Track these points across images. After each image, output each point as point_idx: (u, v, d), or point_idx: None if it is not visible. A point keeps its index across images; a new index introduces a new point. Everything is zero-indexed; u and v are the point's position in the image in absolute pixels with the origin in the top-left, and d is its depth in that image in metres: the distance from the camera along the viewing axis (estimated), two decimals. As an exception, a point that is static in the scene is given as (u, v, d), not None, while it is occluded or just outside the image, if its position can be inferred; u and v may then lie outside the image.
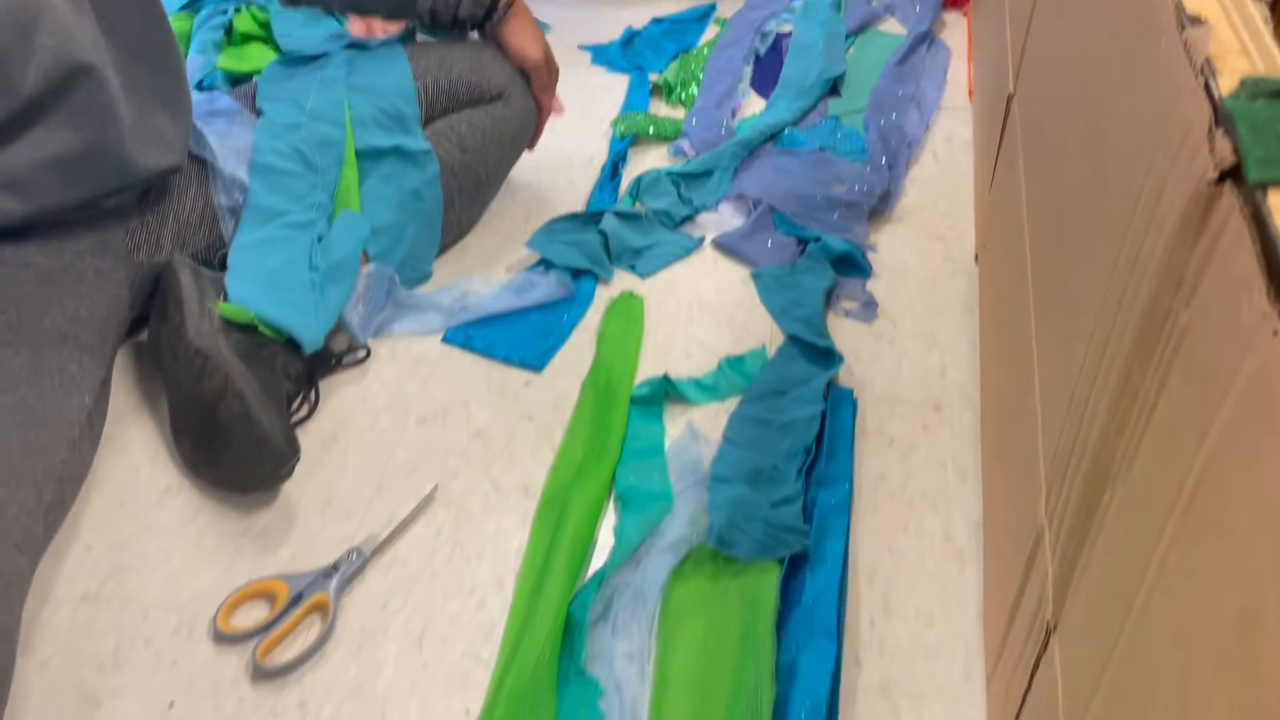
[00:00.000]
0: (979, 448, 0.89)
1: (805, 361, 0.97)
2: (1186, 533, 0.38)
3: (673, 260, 1.11)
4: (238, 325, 0.88)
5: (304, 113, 1.01)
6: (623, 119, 1.32)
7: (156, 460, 0.88)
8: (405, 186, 1.02)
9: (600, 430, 0.90)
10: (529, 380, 0.97)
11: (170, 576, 0.78)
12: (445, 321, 1.02)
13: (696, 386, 0.95)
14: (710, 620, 0.75)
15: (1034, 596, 0.59)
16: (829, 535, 0.80)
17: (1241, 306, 0.36)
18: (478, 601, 0.77)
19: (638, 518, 0.82)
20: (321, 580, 0.77)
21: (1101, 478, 0.49)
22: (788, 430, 0.89)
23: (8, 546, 0.67)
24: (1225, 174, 0.40)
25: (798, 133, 1.29)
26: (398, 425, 0.92)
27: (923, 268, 1.10)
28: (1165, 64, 0.49)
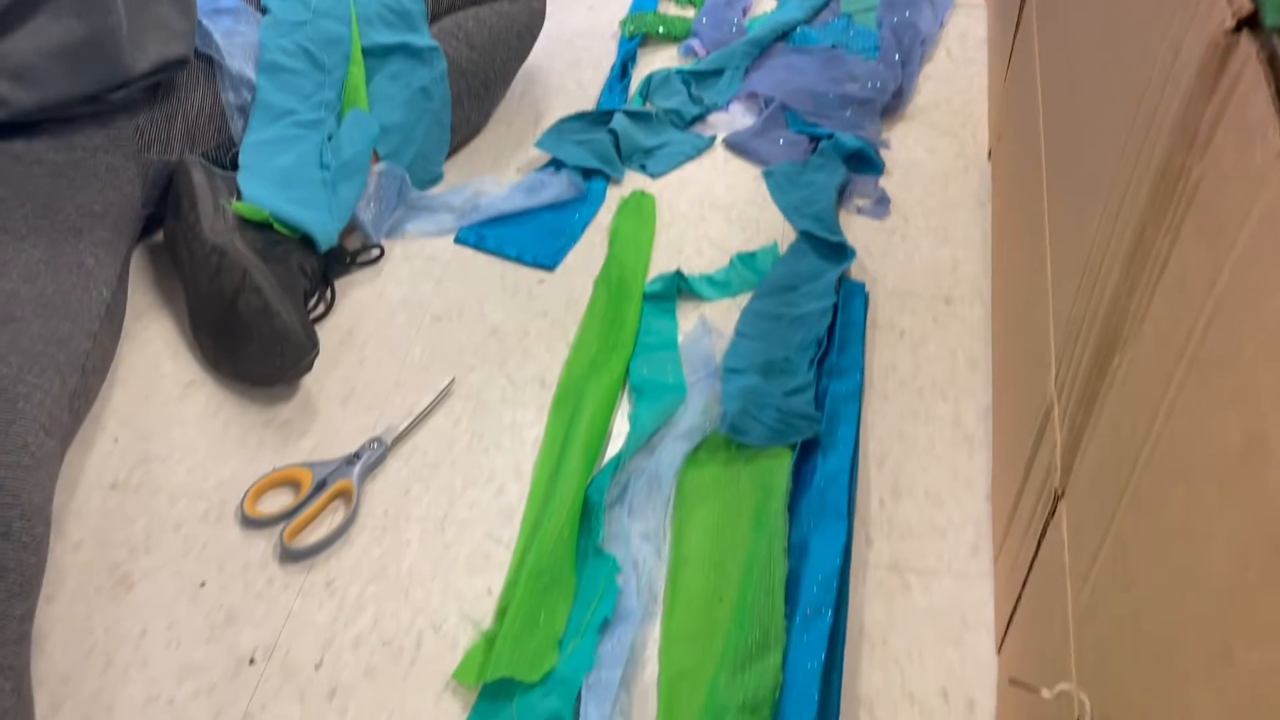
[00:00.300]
0: (989, 338, 0.90)
1: (817, 257, 0.97)
2: (1195, 375, 0.38)
3: (684, 160, 1.11)
4: (252, 223, 0.89)
5: (309, 9, 1.00)
6: (631, 19, 1.31)
7: (177, 356, 0.89)
8: (413, 85, 1.01)
9: (614, 325, 0.91)
10: (542, 279, 0.97)
11: (196, 466, 0.80)
12: (457, 222, 1.02)
13: (709, 282, 0.96)
14: (724, 502, 0.76)
15: (1042, 467, 0.61)
16: (840, 422, 0.81)
17: (1255, 149, 0.36)
18: (497, 488, 0.79)
19: (652, 407, 0.83)
20: (344, 468, 0.79)
21: (1112, 342, 0.50)
22: (800, 323, 0.89)
23: (35, 428, 0.69)
24: (1242, 23, 0.40)
25: (810, 31, 1.28)
26: (413, 322, 0.93)
27: (935, 164, 1.09)
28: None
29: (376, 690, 0.67)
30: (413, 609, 0.71)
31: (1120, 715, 0.40)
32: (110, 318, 0.84)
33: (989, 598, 0.71)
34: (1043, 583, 0.58)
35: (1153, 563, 0.40)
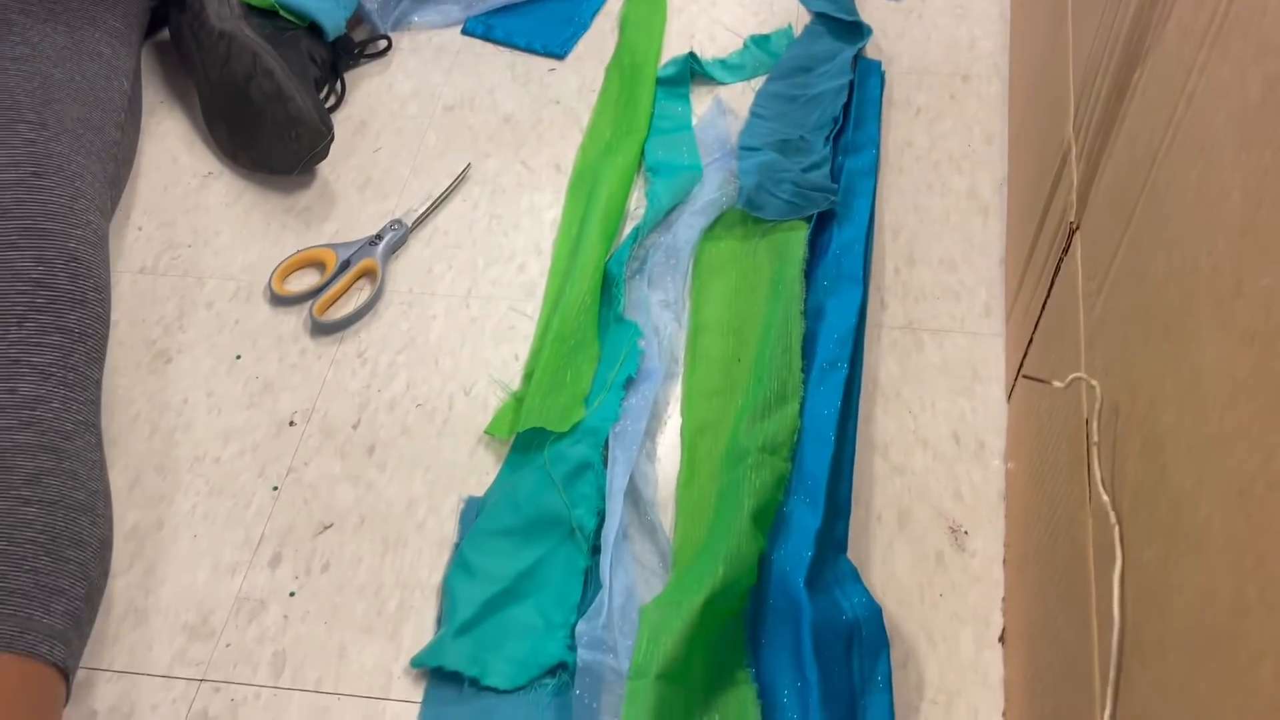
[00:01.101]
0: (1006, 113, 0.89)
1: (832, 38, 0.96)
2: (1217, 51, 0.39)
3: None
4: (258, 10, 0.87)
5: None
6: None
7: (194, 149, 0.89)
8: None
9: (627, 109, 0.90)
10: (553, 67, 0.96)
11: (221, 250, 0.82)
12: (464, 12, 1.00)
13: (722, 66, 0.95)
14: (741, 272, 0.78)
15: (1058, 210, 0.61)
16: (856, 196, 0.82)
17: None
18: (518, 265, 0.81)
19: (669, 185, 0.83)
20: (368, 248, 0.80)
21: (1134, 59, 0.50)
22: (815, 103, 0.89)
23: (92, 209, 0.70)
24: None
25: None
26: (425, 112, 0.92)
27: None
28: None
29: (413, 446, 0.70)
30: (443, 375, 0.74)
31: (1129, 399, 0.42)
32: (131, 108, 0.83)
33: (1000, 353, 0.73)
34: (1055, 318, 0.60)
35: (1167, 242, 0.41)
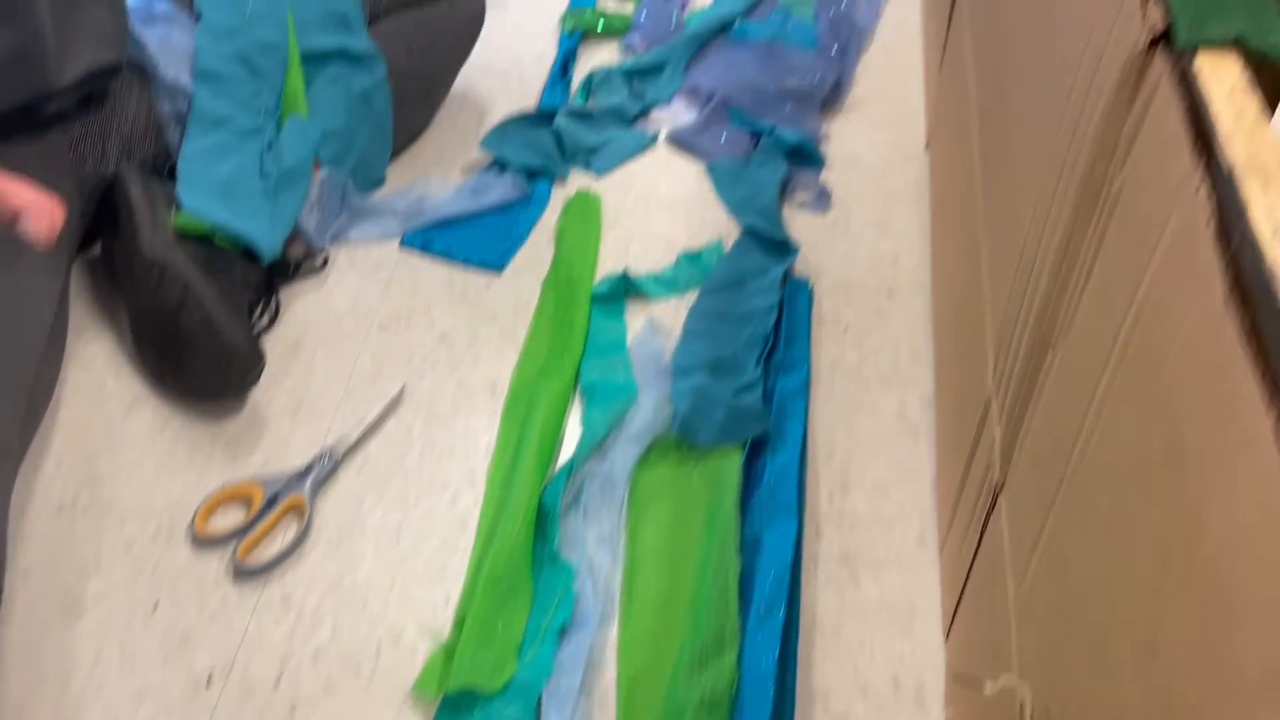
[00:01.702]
0: (931, 329, 0.92)
1: (761, 253, 0.98)
2: (1119, 382, 0.40)
3: (628, 157, 1.11)
4: (193, 236, 0.88)
5: (244, 15, 0.98)
6: (571, 15, 1.30)
7: (121, 373, 0.88)
8: (353, 89, 1.00)
9: (563, 328, 0.92)
10: (490, 282, 0.98)
11: (144, 484, 0.80)
12: (402, 226, 1.02)
13: (655, 281, 0.97)
14: (677, 502, 0.78)
15: (982, 462, 0.62)
16: (789, 418, 0.83)
17: (1169, 166, 0.38)
18: (451, 496, 0.80)
19: (604, 409, 0.84)
20: (295, 482, 0.78)
21: (1044, 341, 0.52)
22: (746, 320, 0.91)
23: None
24: (1156, 40, 0.41)
25: (748, 24, 1.28)
26: (361, 330, 0.92)
27: (875, 157, 1.11)
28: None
29: (337, 705, 0.67)
30: (370, 621, 0.72)
31: (1060, 707, 0.42)
32: (54, 338, 0.82)
33: (935, 586, 0.73)
34: (985, 574, 0.60)
35: (1085, 557, 0.42)
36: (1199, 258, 0.34)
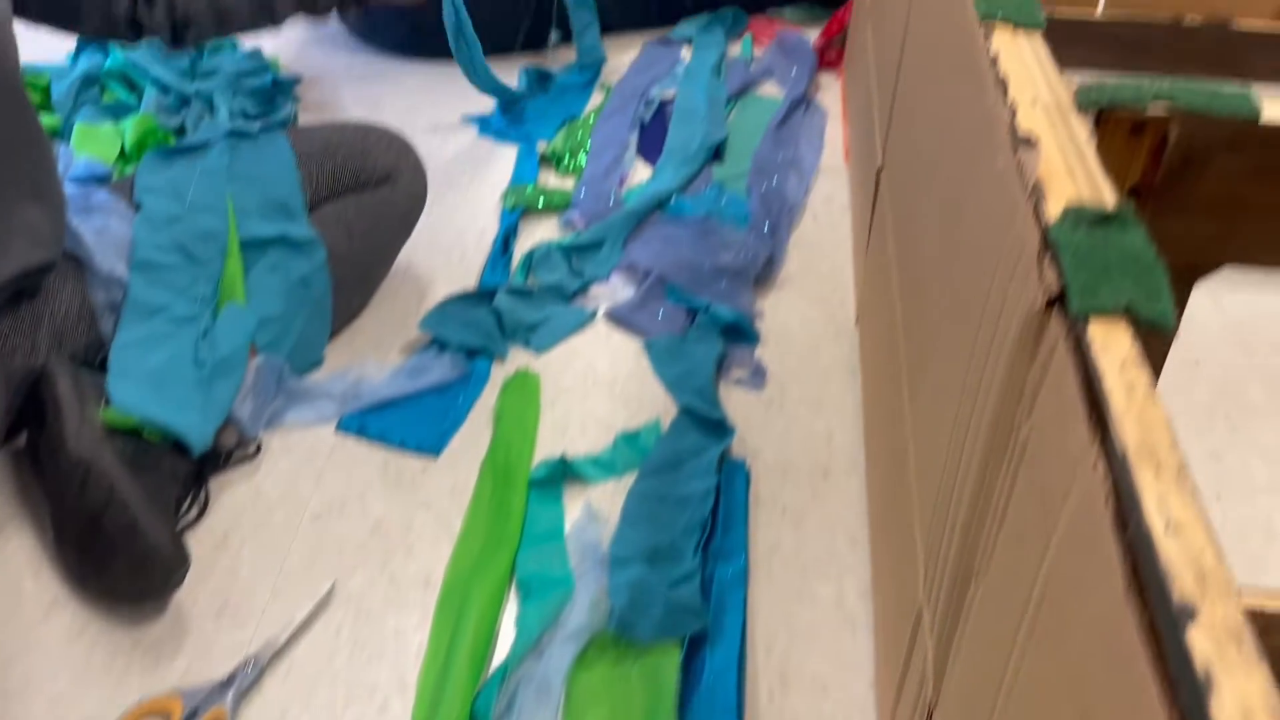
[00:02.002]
0: (867, 513, 0.92)
1: (698, 434, 0.99)
2: (1035, 639, 0.40)
3: (567, 334, 1.13)
4: (122, 431, 0.87)
5: (184, 204, 1.00)
6: (512, 191, 1.34)
7: (40, 573, 0.85)
8: (292, 275, 1.01)
9: (499, 516, 0.91)
10: (426, 466, 0.97)
11: (58, 698, 0.76)
12: (338, 409, 1.01)
13: (593, 464, 0.97)
14: (614, 707, 0.76)
15: (916, 675, 0.62)
16: (727, 610, 0.82)
17: (1069, 435, 0.39)
18: (380, 704, 0.77)
19: (539, 606, 0.82)
20: (217, 693, 0.75)
21: (967, 571, 0.52)
22: (684, 505, 0.91)
23: None
24: (1053, 301, 0.43)
25: (684, 200, 1.33)
26: (292, 521, 0.91)
27: (807, 332, 1.14)
28: (1003, 180, 0.53)
29: None
30: None
31: None
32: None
33: (879, 792, 0.72)
34: (924, 794, 0.59)
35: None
36: (1099, 539, 0.34)
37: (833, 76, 1.67)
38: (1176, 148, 0.56)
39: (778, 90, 1.62)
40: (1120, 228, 0.45)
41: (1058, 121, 0.53)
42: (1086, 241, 0.44)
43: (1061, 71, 0.58)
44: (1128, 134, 0.57)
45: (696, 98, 1.55)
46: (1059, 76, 0.58)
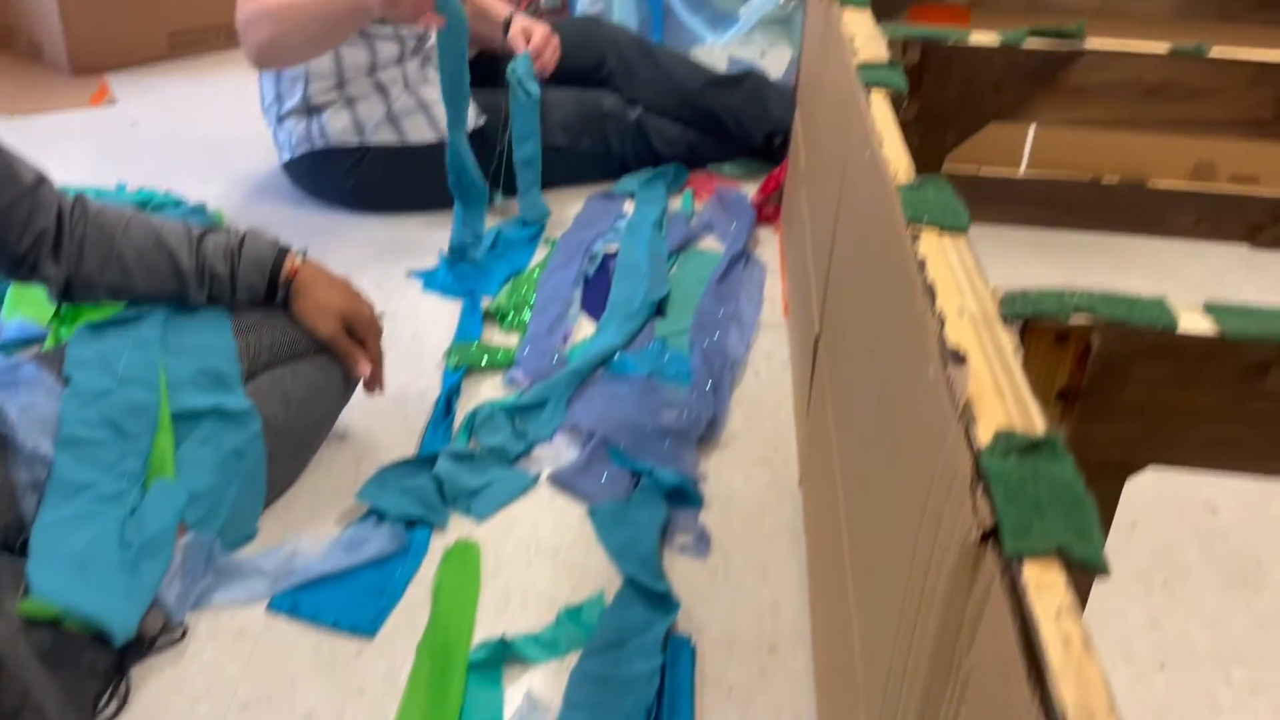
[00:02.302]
0: (814, 696, 0.90)
1: (643, 608, 0.97)
2: None
3: (509, 499, 1.11)
4: (40, 622, 0.83)
5: (115, 378, 0.98)
6: (456, 350, 1.34)
7: (-62, 782, 0.80)
8: (225, 448, 0.99)
9: (436, 704, 0.87)
10: (360, 648, 0.94)
11: None
12: (270, 587, 0.98)
13: (535, 644, 0.94)
14: None
15: None
16: (673, 805, 0.79)
17: (1009, 685, 0.38)
18: None
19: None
20: None
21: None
22: (628, 688, 0.88)
23: None
24: (987, 535, 0.43)
25: (627, 357, 1.34)
26: (217, 715, 0.86)
27: (751, 494, 1.14)
28: (934, 393, 0.54)
29: None
30: None
31: None
32: None
33: None
34: None
35: None
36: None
37: (770, 231, 1.72)
38: (1099, 356, 0.58)
39: (718, 244, 1.66)
40: (1049, 456, 0.46)
41: (985, 335, 0.55)
42: (1017, 472, 0.45)
43: (981, 268, 0.60)
44: (1053, 342, 0.59)
45: (639, 253, 1.58)
46: (984, 284, 0.60)
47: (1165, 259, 1.64)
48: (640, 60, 1.89)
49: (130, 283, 1.01)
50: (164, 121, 2.06)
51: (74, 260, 0.99)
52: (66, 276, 0.99)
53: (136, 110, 2.10)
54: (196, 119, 2.07)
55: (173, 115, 2.09)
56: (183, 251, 1.01)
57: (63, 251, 0.99)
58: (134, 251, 1.00)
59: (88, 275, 0.99)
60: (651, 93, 1.87)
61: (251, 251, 1.04)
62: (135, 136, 1.99)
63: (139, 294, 1.02)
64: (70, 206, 1.00)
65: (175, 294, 1.03)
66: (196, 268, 1.02)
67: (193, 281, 1.02)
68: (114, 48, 2.27)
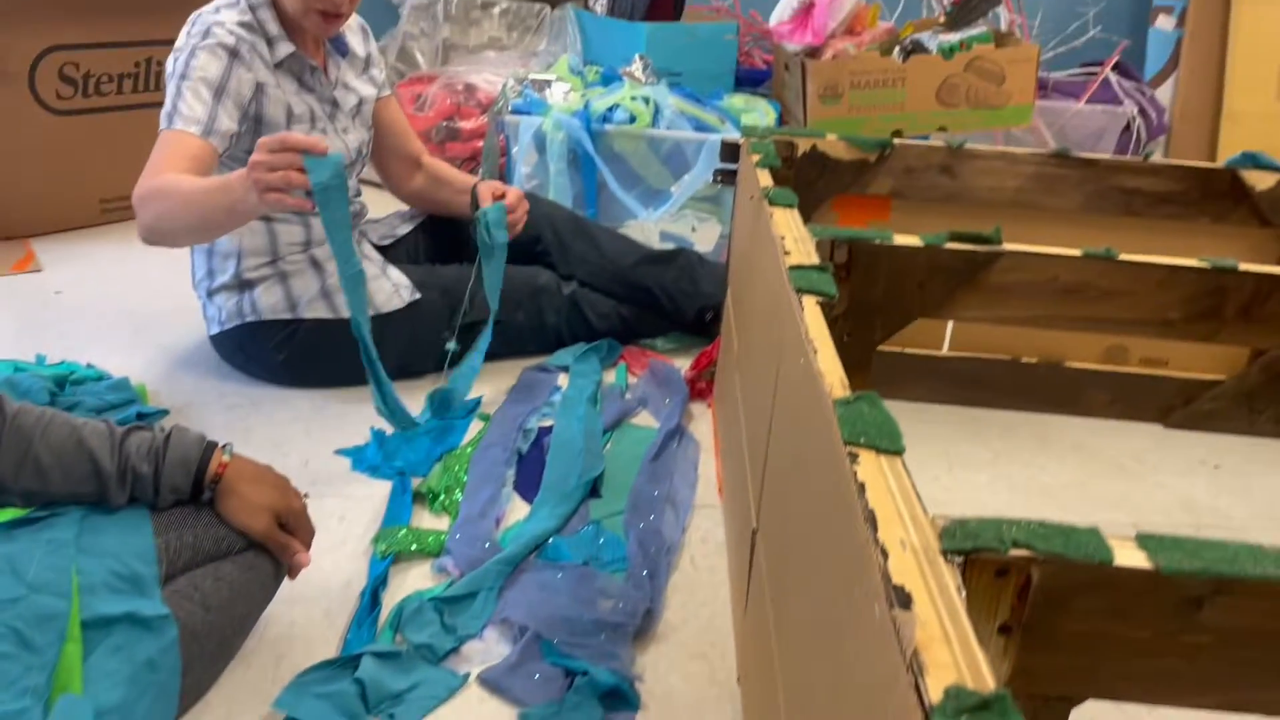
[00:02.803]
0: None
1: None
2: None
3: (436, 704, 1.06)
4: None
5: (24, 584, 0.92)
6: (383, 536, 1.30)
7: None
8: (138, 658, 0.94)
9: None
10: None
11: None
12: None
13: None
14: None
15: None
16: None
17: None
18: None
19: None
20: None
21: None
22: None
23: None
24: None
25: (562, 542, 1.31)
26: None
27: (689, 692, 1.11)
28: (881, 635, 0.53)
29: None
30: None
31: None
32: None
33: None
34: None
35: None
36: None
37: (703, 406, 1.73)
38: (1039, 589, 0.58)
39: (652, 420, 1.67)
40: (1000, 714, 0.45)
41: (929, 573, 0.55)
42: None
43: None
44: (994, 576, 0.59)
45: (574, 429, 1.58)
46: (924, 513, 0.61)
47: (1085, 437, 1.69)
48: (575, 236, 1.93)
49: (47, 486, 0.97)
50: (90, 290, 2.03)
51: None
52: None
53: (62, 278, 2.07)
54: (124, 289, 2.04)
55: (99, 284, 2.06)
56: (104, 452, 0.98)
57: None
58: (52, 454, 0.97)
59: (0, 479, 0.95)
60: (586, 268, 1.90)
61: (177, 450, 1.01)
62: (58, 305, 1.95)
63: (56, 497, 0.98)
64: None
65: (95, 495, 0.99)
66: (118, 469, 0.98)
67: (114, 483, 0.98)
68: (43, 213, 2.25)
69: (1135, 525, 1.46)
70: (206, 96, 1.41)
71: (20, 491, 0.98)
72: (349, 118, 1.65)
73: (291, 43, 1.53)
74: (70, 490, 0.98)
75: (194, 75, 1.42)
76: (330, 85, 1.61)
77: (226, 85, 1.44)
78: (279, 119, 1.51)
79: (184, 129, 1.39)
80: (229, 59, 1.45)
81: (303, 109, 1.55)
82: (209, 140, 1.40)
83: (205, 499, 1.03)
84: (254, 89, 1.48)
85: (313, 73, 1.57)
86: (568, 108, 2.32)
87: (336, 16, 1.49)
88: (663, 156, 2.31)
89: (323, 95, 1.59)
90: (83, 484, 0.98)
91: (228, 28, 1.46)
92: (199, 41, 1.44)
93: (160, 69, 2.35)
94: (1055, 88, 3.13)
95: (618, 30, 2.69)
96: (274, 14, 1.51)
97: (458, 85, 2.63)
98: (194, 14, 1.50)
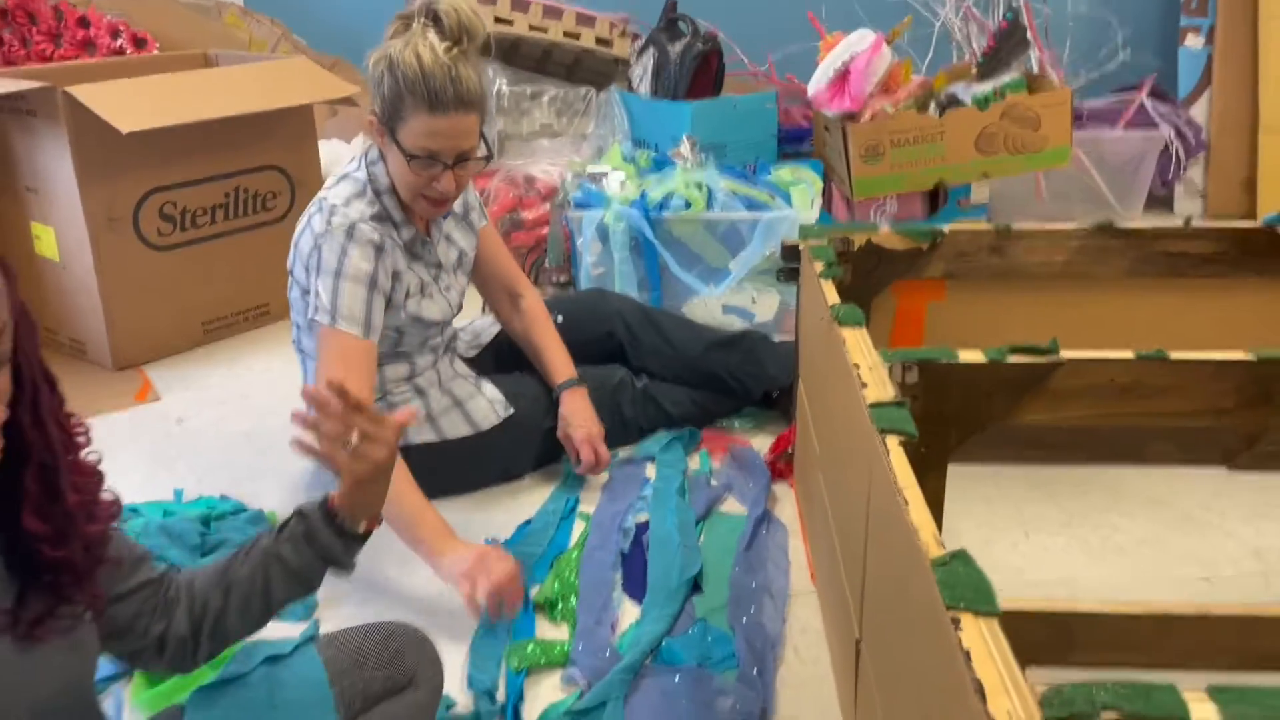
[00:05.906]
0: None
1: None
2: None
3: (585, 814, 1.19)
4: None
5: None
6: (513, 651, 1.43)
7: None
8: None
9: None
10: None
11: None
12: None
13: None
14: None
15: None
16: None
17: None
18: None
19: None
20: None
21: None
22: None
23: None
24: None
25: (674, 644, 1.43)
26: None
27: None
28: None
29: None
30: None
31: None
32: None
33: None
34: None
35: None
36: None
37: (785, 486, 1.85)
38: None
39: (739, 505, 1.79)
40: None
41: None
42: None
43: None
44: (1087, 736, 0.70)
45: (668, 524, 1.70)
46: (1022, 678, 0.72)
47: (1153, 487, 1.78)
48: (644, 329, 2.05)
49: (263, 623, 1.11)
50: (207, 415, 2.19)
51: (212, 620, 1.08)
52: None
53: (179, 406, 2.24)
54: (237, 410, 2.20)
55: (214, 406, 2.22)
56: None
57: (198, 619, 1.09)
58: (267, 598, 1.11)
59: (225, 629, 1.09)
60: (658, 361, 2.03)
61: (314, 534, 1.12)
62: (181, 434, 2.12)
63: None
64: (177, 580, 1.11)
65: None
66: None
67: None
68: (154, 341, 2.43)
69: (1207, 580, 1.55)
70: (363, 295, 1.58)
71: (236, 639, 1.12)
72: (451, 273, 1.80)
73: (412, 225, 1.68)
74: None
75: (347, 273, 1.57)
76: (434, 246, 1.75)
77: (377, 280, 1.60)
78: (399, 295, 1.67)
79: (348, 330, 1.56)
80: (375, 255, 1.60)
81: (413, 280, 1.70)
82: (369, 339, 1.58)
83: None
84: (392, 277, 1.64)
85: (423, 244, 1.72)
86: (625, 197, 2.45)
87: (444, 202, 1.64)
88: (719, 236, 2.43)
89: (429, 261, 1.74)
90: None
91: (369, 223, 1.60)
92: (345, 240, 1.58)
93: (246, 195, 2.53)
94: (1091, 116, 3.20)
95: (663, 110, 2.82)
96: (396, 199, 1.66)
97: (518, 177, 2.78)
98: (319, 198, 1.64)
